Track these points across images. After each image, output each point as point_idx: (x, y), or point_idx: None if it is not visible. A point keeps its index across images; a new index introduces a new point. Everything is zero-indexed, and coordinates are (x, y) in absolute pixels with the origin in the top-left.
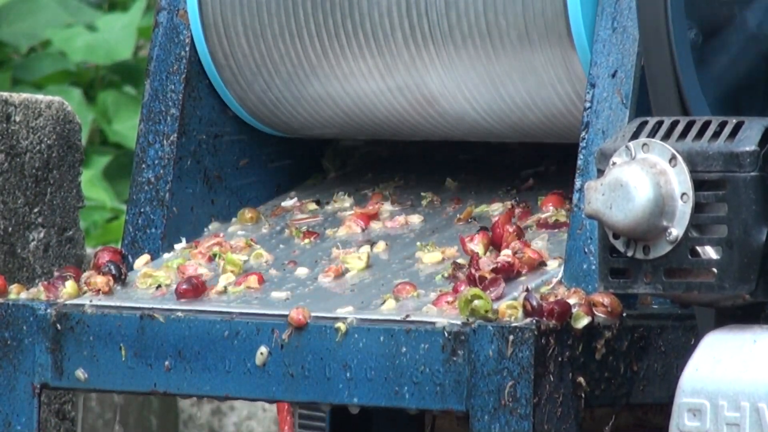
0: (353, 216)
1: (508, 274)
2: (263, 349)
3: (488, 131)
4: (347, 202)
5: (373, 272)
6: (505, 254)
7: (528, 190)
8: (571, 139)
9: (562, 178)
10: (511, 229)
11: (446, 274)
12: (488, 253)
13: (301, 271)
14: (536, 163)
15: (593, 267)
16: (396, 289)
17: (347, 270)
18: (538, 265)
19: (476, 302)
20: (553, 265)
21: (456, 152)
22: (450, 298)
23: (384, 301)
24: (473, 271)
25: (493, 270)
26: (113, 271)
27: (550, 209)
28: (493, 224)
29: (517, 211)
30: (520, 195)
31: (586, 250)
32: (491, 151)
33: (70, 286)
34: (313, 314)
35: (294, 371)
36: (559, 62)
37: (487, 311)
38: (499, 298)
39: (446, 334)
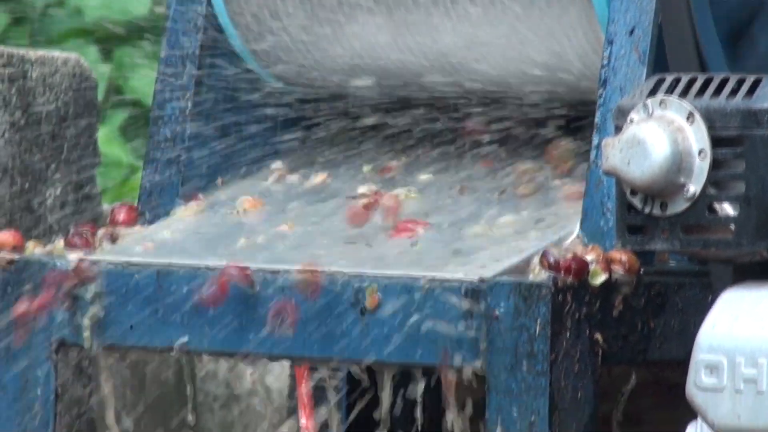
0: (375, 172)
1: None
2: (280, 306)
3: (503, 89)
4: (368, 162)
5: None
6: None
7: (544, 146)
8: (588, 96)
9: (578, 135)
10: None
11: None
12: None
13: (320, 228)
14: (552, 120)
15: (611, 224)
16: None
17: (364, 226)
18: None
19: None
20: (570, 223)
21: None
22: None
23: (403, 257)
24: None
25: None
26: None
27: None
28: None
29: (534, 168)
30: (536, 152)
31: (604, 207)
32: (507, 109)
33: (85, 242)
34: (329, 270)
35: (310, 328)
36: (576, 19)
37: None
38: None
39: (463, 291)
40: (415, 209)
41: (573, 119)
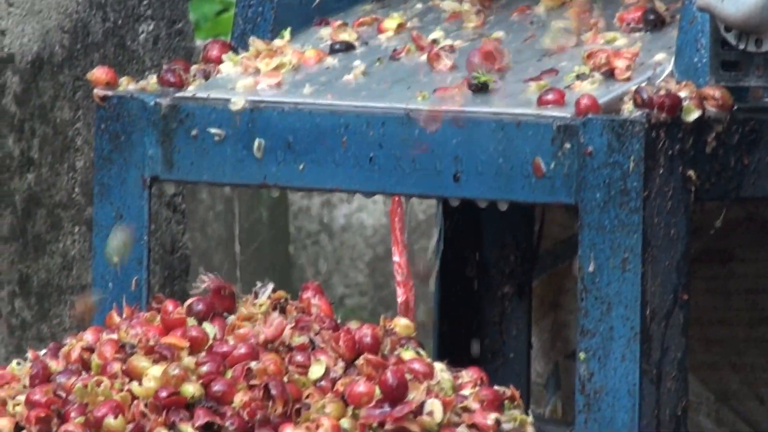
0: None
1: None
2: (373, 142)
3: None
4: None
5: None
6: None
7: None
8: None
9: None
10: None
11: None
12: None
13: (411, 63)
14: None
15: (704, 60)
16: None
17: (455, 66)
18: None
19: None
20: (663, 60)
21: None
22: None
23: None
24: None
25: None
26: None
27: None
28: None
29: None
30: None
31: (698, 43)
32: None
33: (178, 78)
34: (425, 107)
35: (404, 164)
36: None
37: None
38: None
39: (556, 127)
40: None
41: None
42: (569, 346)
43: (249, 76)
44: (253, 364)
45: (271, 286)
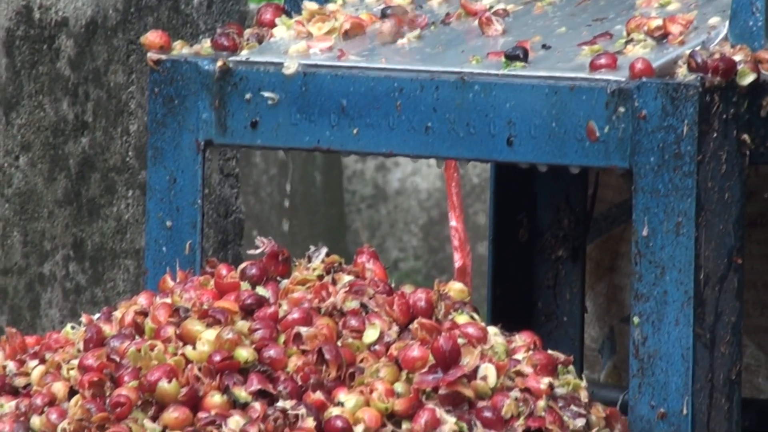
0: None
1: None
2: (427, 106)
3: None
4: None
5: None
6: None
7: None
8: None
9: None
10: None
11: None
12: None
13: (464, 27)
14: None
15: (759, 23)
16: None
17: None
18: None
19: None
20: (718, 24)
21: None
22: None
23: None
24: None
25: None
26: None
27: None
28: None
29: None
30: None
31: (753, 6)
32: None
33: (232, 42)
34: (477, 71)
35: (458, 128)
36: None
37: None
38: None
39: (610, 91)
40: (550, 14)
41: None
42: (625, 310)
43: (302, 40)
44: (305, 329)
45: (324, 250)
